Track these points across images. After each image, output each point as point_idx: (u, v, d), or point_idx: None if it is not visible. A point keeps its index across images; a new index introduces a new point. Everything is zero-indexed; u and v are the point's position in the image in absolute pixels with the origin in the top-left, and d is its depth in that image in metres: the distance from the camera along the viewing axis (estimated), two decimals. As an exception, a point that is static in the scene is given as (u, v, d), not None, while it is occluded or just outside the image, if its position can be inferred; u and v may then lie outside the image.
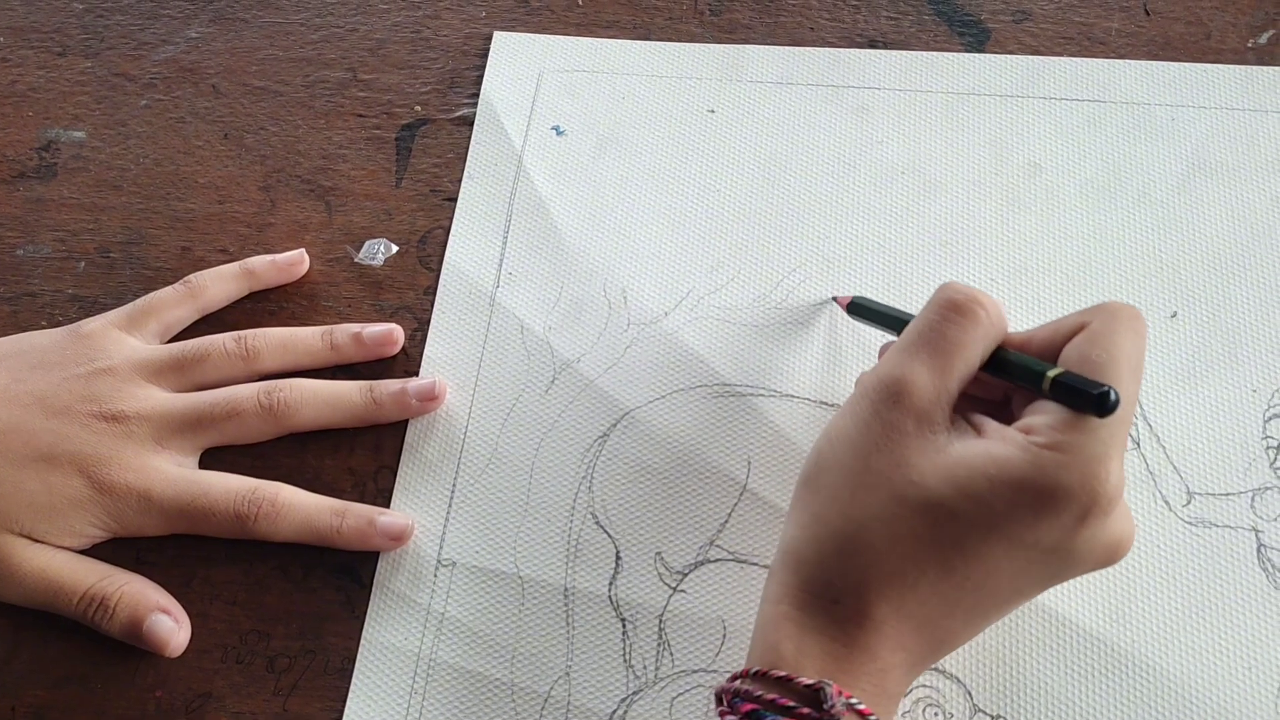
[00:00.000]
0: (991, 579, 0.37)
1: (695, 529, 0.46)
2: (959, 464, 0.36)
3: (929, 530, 0.36)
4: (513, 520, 0.47)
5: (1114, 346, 0.37)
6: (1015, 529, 0.36)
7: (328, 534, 0.46)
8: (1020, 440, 0.36)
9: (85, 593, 0.45)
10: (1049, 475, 0.35)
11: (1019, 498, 0.35)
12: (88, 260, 0.54)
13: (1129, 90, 0.54)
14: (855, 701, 0.35)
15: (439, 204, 0.54)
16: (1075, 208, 0.52)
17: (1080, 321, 0.39)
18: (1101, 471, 0.35)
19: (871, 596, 0.36)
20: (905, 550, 0.36)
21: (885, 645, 0.37)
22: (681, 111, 0.55)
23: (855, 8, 0.57)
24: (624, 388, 0.49)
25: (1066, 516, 0.36)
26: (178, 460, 0.47)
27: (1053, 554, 0.37)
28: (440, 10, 0.59)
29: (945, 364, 0.38)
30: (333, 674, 0.45)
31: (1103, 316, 0.38)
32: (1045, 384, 0.37)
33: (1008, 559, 0.36)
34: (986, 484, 0.36)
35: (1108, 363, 0.37)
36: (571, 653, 0.45)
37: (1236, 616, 0.44)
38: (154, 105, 0.57)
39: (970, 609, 0.37)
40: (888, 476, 0.37)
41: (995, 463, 0.36)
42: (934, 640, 0.38)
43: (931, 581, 0.36)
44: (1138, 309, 0.39)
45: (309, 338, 0.50)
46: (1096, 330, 0.38)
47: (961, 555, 0.36)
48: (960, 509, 0.36)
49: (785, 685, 0.36)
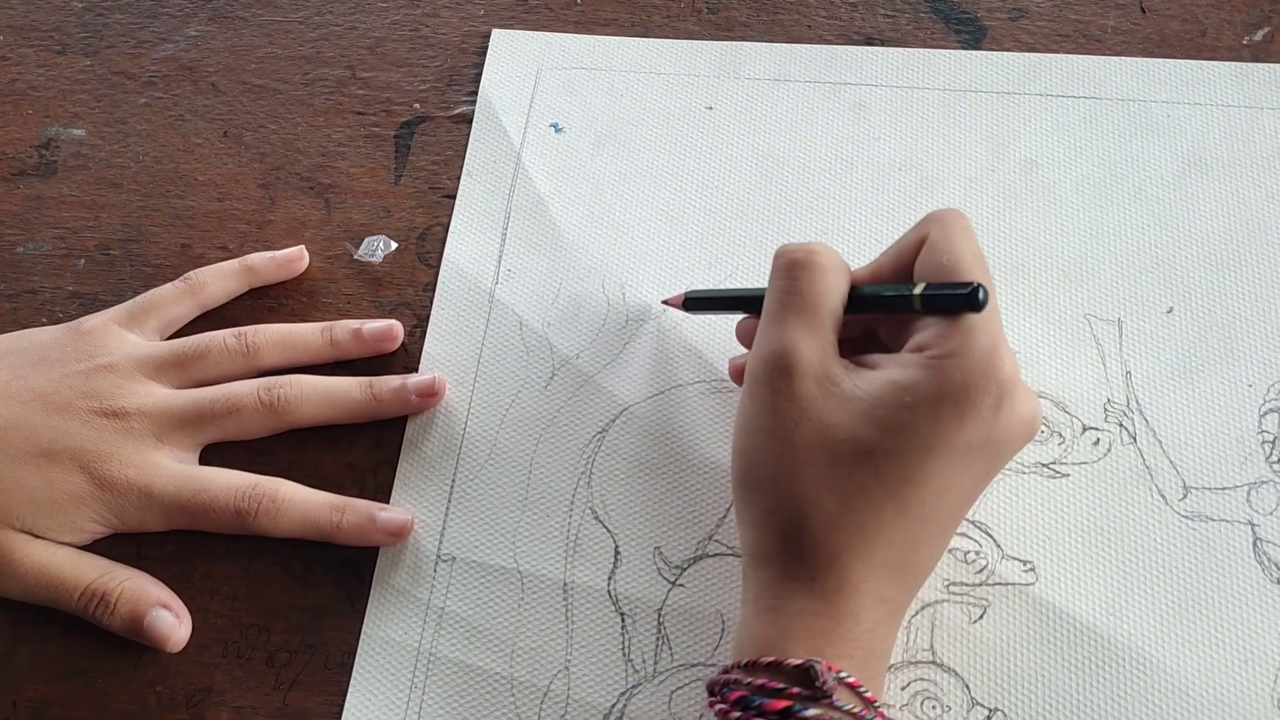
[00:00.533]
0: (943, 496, 0.38)
1: (694, 524, 0.47)
2: (874, 404, 0.37)
3: (873, 476, 0.37)
4: (512, 515, 0.47)
5: (957, 248, 0.39)
6: (946, 441, 0.37)
7: (328, 529, 0.46)
8: (918, 359, 0.38)
9: (86, 588, 0.45)
10: (957, 380, 0.37)
11: (939, 411, 0.37)
12: (88, 257, 0.54)
13: (1125, 87, 0.54)
14: (845, 675, 0.36)
15: (438, 201, 0.54)
16: (1071, 204, 0.52)
17: (916, 238, 0.41)
18: (997, 359, 0.37)
19: (844, 560, 0.37)
20: (859, 504, 0.37)
21: (866, 604, 0.37)
22: (679, 109, 0.56)
23: (852, 5, 0.58)
24: (622, 383, 0.49)
25: (984, 410, 0.37)
26: (178, 456, 0.47)
27: (984, 449, 0.38)
28: (438, 8, 0.59)
29: (815, 320, 0.39)
30: (333, 669, 0.45)
31: (935, 226, 0.40)
32: (916, 302, 0.39)
33: (950, 471, 0.37)
34: (907, 412, 0.37)
35: (958, 264, 0.39)
36: (571, 647, 0.45)
37: (1232, 610, 0.44)
38: (153, 103, 0.57)
39: (933, 533, 0.39)
40: (815, 444, 0.38)
41: (905, 389, 0.37)
42: (909, 579, 0.39)
43: (891, 522, 0.37)
44: (956, 208, 0.41)
45: (309, 334, 0.50)
46: (936, 239, 0.40)
47: (910, 486, 0.37)
48: (893, 445, 0.37)
49: (774, 669, 0.36)
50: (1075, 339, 0.49)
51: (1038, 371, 0.48)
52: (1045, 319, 0.49)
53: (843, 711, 0.36)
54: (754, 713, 0.36)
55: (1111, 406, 0.47)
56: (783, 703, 0.35)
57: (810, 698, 0.36)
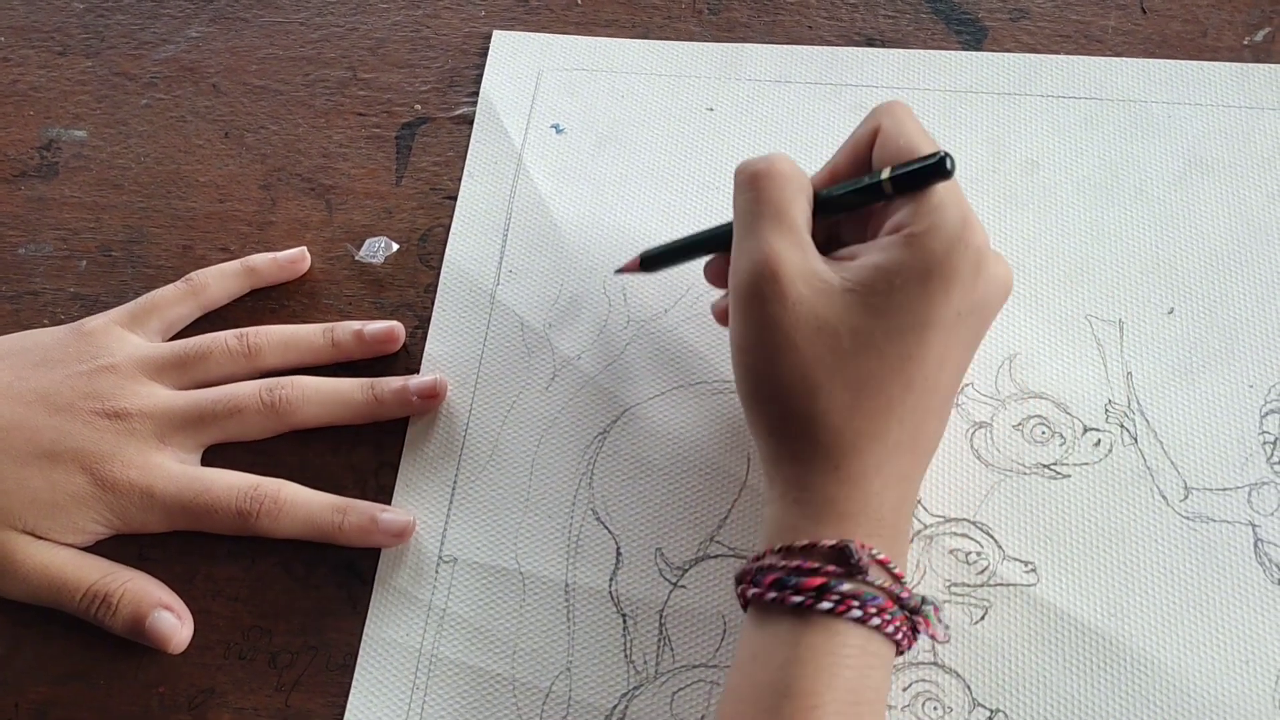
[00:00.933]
0: (942, 366, 0.39)
1: (695, 525, 0.47)
2: (866, 292, 0.39)
3: (877, 360, 0.38)
4: (513, 516, 0.47)
5: (908, 131, 0.41)
6: (938, 312, 0.38)
7: (330, 531, 0.46)
8: (897, 239, 0.39)
9: (88, 589, 0.45)
10: (938, 253, 0.38)
11: (928, 285, 0.38)
12: (89, 259, 0.54)
13: (1126, 88, 0.54)
14: (876, 552, 0.38)
15: (439, 202, 0.54)
16: (1072, 205, 0.52)
17: (868, 131, 0.42)
18: (969, 226, 0.39)
19: (863, 444, 0.38)
20: (869, 388, 0.38)
21: (889, 484, 0.39)
22: (680, 110, 0.56)
23: (853, 6, 0.58)
24: (624, 384, 0.49)
25: (966, 276, 0.39)
26: (180, 457, 0.47)
27: (971, 314, 0.40)
28: (439, 9, 0.59)
29: (789, 223, 0.40)
30: (335, 670, 0.45)
31: (884, 119, 0.41)
32: (887, 187, 0.40)
33: (944, 341, 0.39)
34: (899, 292, 0.38)
35: (914, 144, 0.40)
36: (572, 648, 0.45)
37: (1233, 611, 0.44)
38: (155, 104, 0.57)
39: (937, 406, 0.40)
40: (817, 341, 0.39)
41: (892, 271, 0.38)
42: (922, 452, 0.41)
43: (900, 400, 0.39)
44: (898, 99, 0.42)
45: (311, 335, 0.50)
46: (888, 128, 0.41)
47: (913, 362, 0.39)
48: (890, 325, 0.38)
49: (808, 552, 0.38)
50: (1076, 340, 0.49)
51: (1039, 372, 0.48)
52: (1046, 320, 0.49)
53: (874, 586, 0.37)
54: (790, 591, 0.37)
55: (1113, 407, 0.47)
56: (819, 579, 0.37)
57: (845, 575, 0.37)
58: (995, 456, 0.47)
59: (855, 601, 0.37)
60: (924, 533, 0.46)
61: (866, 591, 0.37)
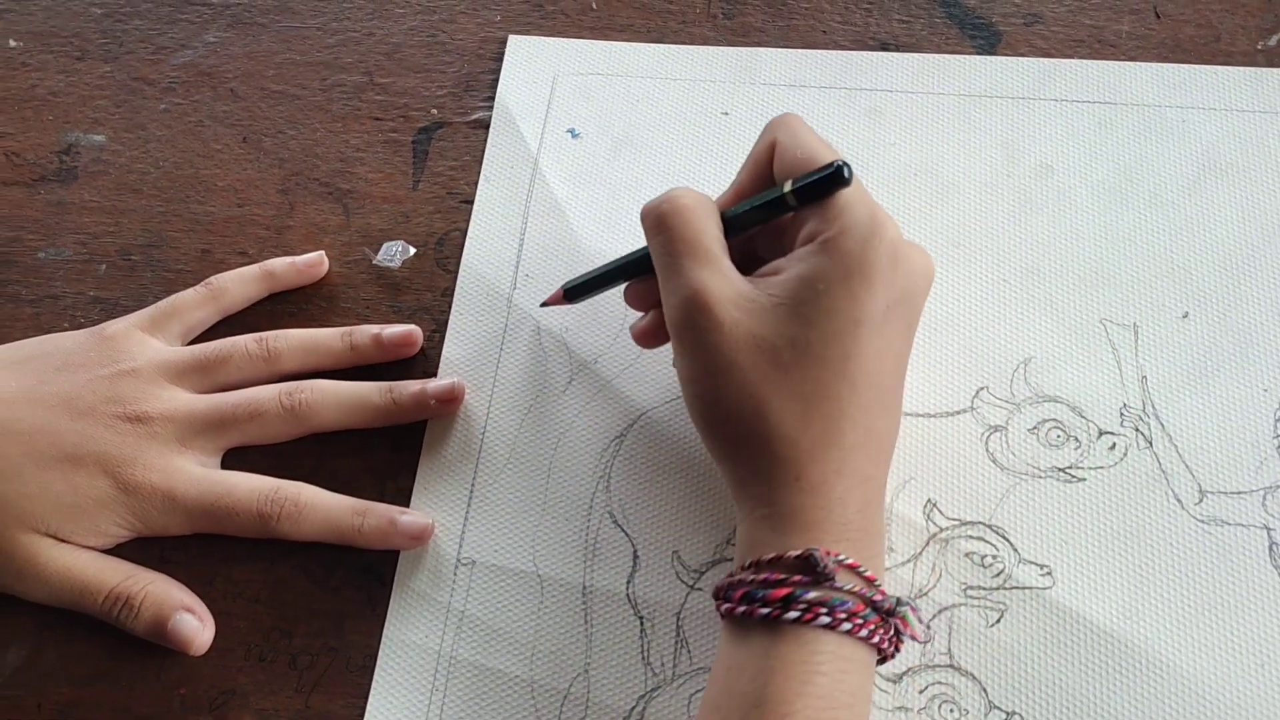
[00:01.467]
0: (881, 361, 0.40)
1: (712, 528, 0.47)
2: (795, 303, 0.39)
3: (818, 366, 0.39)
4: (531, 519, 0.48)
5: (804, 142, 0.42)
6: (866, 309, 0.39)
7: (349, 533, 0.47)
8: (813, 248, 0.40)
9: (110, 592, 0.45)
10: (855, 253, 0.39)
11: (850, 284, 0.39)
12: (109, 263, 0.54)
13: (1140, 92, 0.54)
14: (844, 557, 0.38)
15: (456, 206, 0.54)
16: (1087, 209, 0.52)
17: (765, 146, 0.43)
18: (879, 222, 0.40)
19: (820, 452, 0.39)
20: (817, 395, 0.39)
21: (851, 486, 0.39)
22: (695, 114, 0.56)
23: (867, 11, 0.58)
24: (641, 388, 0.50)
25: (885, 269, 0.40)
26: (200, 460, 0.48)
27: (898, 304, 0.41)
28: (455, 14, 0.59)
29: (706, 254, 0.41)
30: (354, 671, 0.45)
31: (780, 130, 0.43)
32: (790, 199, 0.41)
33: (879, 336, 0.40)
34: (825, 297, 0.39)
35: (813, 153, 0.41)
36: (590, 650, 0.45)
37: (1248, 614, 0.44)
38: (173, 109, 0.58)
39: (885, 401, 0.41)
40: (758, 359, 0.40)
41: (815, 278, 0.39)
42: (881, 448, 0.41)
43: (849, 401, 0.39)
44: (790, 112, 0.44)
45: (329, 339, 0.50)
46: (784, 141, 0.42)
47: (853, 360, 0.39)
48: (824, 330, 0.39)
49: (776, 564, 0.38)
50: (1091, 343, 0.49)
51: (1054, 376, 0.48)
52: (1061, 323, 0.50)
53: (844, 591, 0.38)
54: (758, 604, 0.38)
55: (1127, 411, 0.48)
56: (784, 590, 0.37)
57: (812, 583, 0.37)
58: (1010, 460, 0.47)
59: (823, 609, 0.37)
60: (939, 536, 0.46)
61: (834, 597, 0.37)
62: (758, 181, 0.44)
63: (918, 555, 0.46)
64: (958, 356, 0.49)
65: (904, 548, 0.46)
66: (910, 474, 0.47)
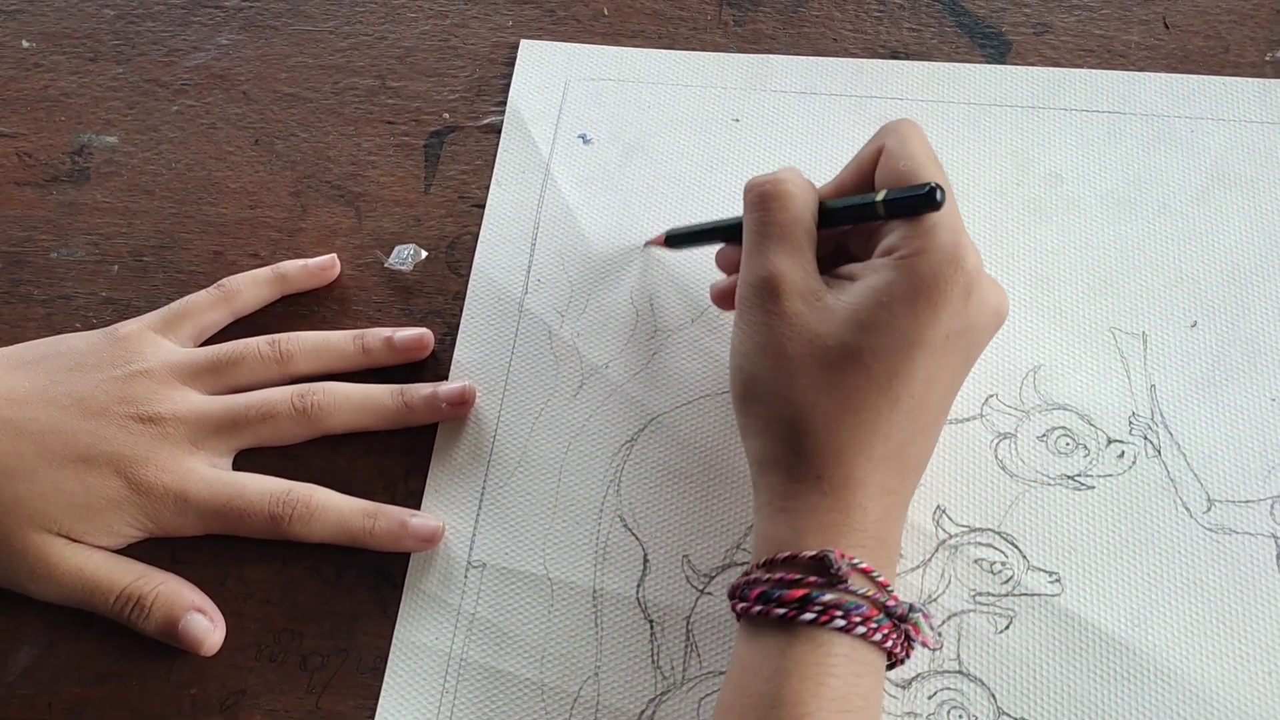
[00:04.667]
0: (929, 387, 0.40)
1: (722, 532, 0.47)
2: (857, 309, 0.40)
3: (864, 376, 0.39)
4: (542, 523, 0.48)
5: (912, 153, 0.42)
6: (925, 334, 0.39)
7: (360, 535, 0.47)
8: (889, 262, 0.40)
9: (122, 592, 0.45)
10: (926, 276, 0.39)
11: (915, 306, 0.39)
12: (121, 264, 0.54)
13: (1149, 102, 0.55)
14: (858, 561, 0.38)
15: (467, 210, 0.55)
16: (1096, 218, 0.52)
17: (874, 149, 0.43)
18: (961, 252, 0.40)
19: (847, 456, 0.39)
20: (855, 403, 0.39)
21: (872, 495, 0.39)
22: (706, 120, 0.56)
23: (878, 19, 0.58)
24: (651, 393, 0.50)
25: (955, 300, 0.39)
26: (212, 462, 0.48)
27: (960, 338, 0.40)
28: (468, 19, 0.60)
29: (792, 243, 0.42)
30: (365, 673, 0.46)
31: (891, 136, 0.42)
32: (879, 209, 0.41)
33: (932, 362, 0.40)
34: (886, 311, 0.39)
35: (915, 167, 0.41)
36: (600, 653, 0.45)
37: (1256, 622, 0.44)
38: (185, 111, 0.58)
39: (924, 425, 0.41)
40: (808, 354, 0.40)
41: (882, 291, 0.39)
42: (908, 470, 0.41)
43: (886, 417, 0.40)
44: (908, 118, 0.43)
45: (341, 341, 0.50)
46: (892, 148, 0.42)
47: (899, 380, 0.39)
48: (878, 343, 0.39)
49: (791, 564, 0.39)
50: (1100, 352, 0.49)
51: (1063, 384, 0.49)
52: (1070, 332, 0.50)
53: (857, 595, 0.38)
54: (774, 604, 0.38)
55: (1136, 419, 0.48)
56: (800, 591, 0.38)
57: (826, 585, 0.38)
58: (1020, 467, 0.47)
59: (839, 611, 0.37)
60: (949, 543, 0.46)
61: (849, 601, 0.38)
62: (860, 181, 0.44)
63: (927, 561, 0.46)
64: (967, 364, 0.49)
65: (913, 554, 0.46)
66: (919, 480, 0.47)
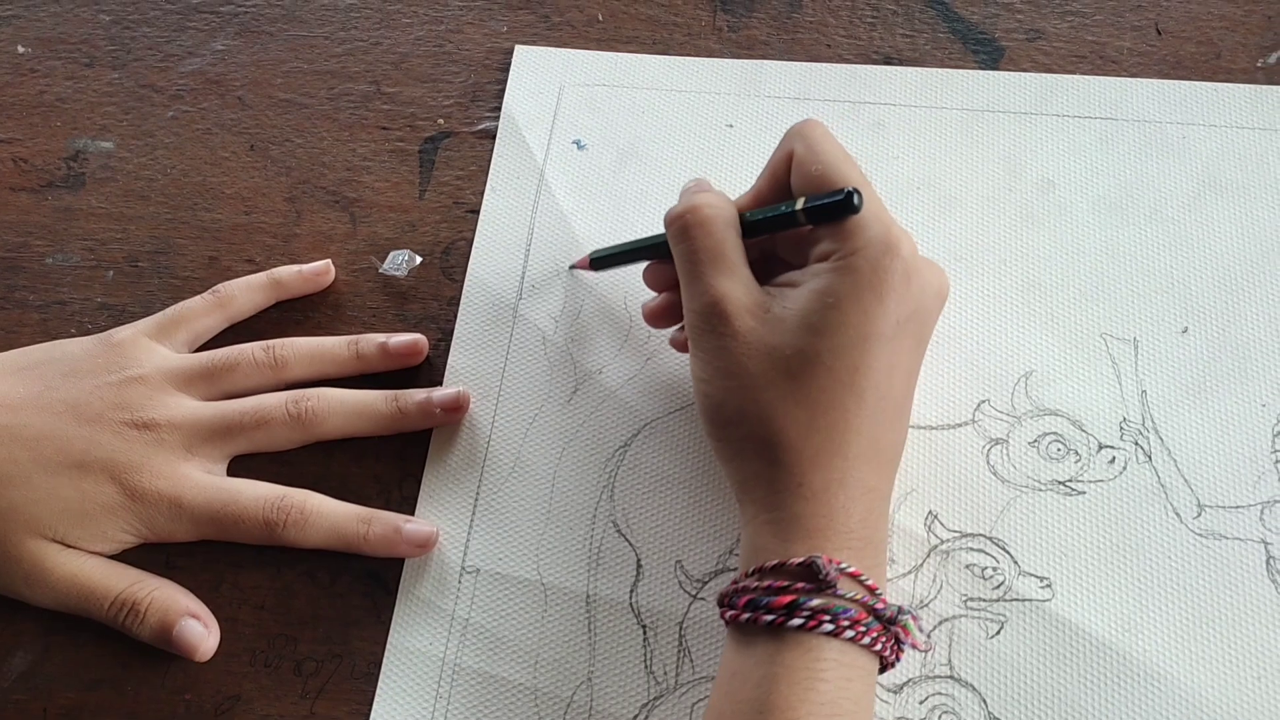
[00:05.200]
0: (891, 376, 0.41)
1: (715, 538, 0.47)
2: (806, 314, 0.40)
3: (827, 376, 0.40)
4: (535, 528, 0.48)
5: (823, 156, 0.42)
6: (877, 325, 0.40)
7: (355, 541, 0.47)
8: (827, 266, 0.41)
9: (116, 598, 0.45)
10: (866, 271, 0.40)
11: (861, 300, 0.40)
12: (116, 269, 0.54)
13: (1141, 108, 0.55)
14: (846, 566, 0.39)
15: (462, 216, 0.55)
16: (1088, 224, 0.53)
17: (783, 155, 0.44)
18: (893, 240, 0.41)
19: (824, 459, 0.40)
20: (823, 404, 0.40)
21: (854, 495, 0.40)
22: (700, 126, 0.56)
23: (871, 25, 0.58)
24: (645, 399, 0.50)
25: (898, 286, 0.40)
26: (207, 467, 0.48)
27: (909, 321, 0.41)
28: (462, 25, 0.60)
29: (725, 264, 0.42)
30: (359, 678, 0.46)
31: (798, 141, 0.43)
32: (800, 218, 0.42)
33: (888, 351, 0.41)
34: (835, 312, 0.40)
35: (827, 171, 0.42)
36: (593, 659, 0.46)
37: (1246, 627, 0.44)
38: (181, 116, 0.58)
39: (891, 414, 0.41)
40: (769, 367, 0.40)
41: (827, 293, 0.40)
42: (886, 461, 0.42)
43: (855, 413, 0.40)
44: (812, 118, 0.44)
45: (336, 347, 0.51)
46: (801, 154, 0.43)
47: (861, 373, 0.40)
48: (834, 343, 0.40)
49: (779, 571, 0.39)
50: (1091, 358, 0.50)
51: (1055, 390, 0.49)
52: (1062, 338, 0.50)
53: (846, 599, 0.38)
54: (762, 611, 0.38)
55: (1127, 425, 0.48)
56: (788, 597, 0.38)
57: (815, 590, 0.38)
58: (1011, 473, 0.48)
59: (826, 616, 0.38)
60: (940, 548, 0.46)
61: (837, 605, 0.38)
62: (775, 189, 0.44)
63: (919, 567, 0.46)
64: (959, 369, 0.50)
65: (905, 559, 0.46)
66: (912, 486, 0.47)
